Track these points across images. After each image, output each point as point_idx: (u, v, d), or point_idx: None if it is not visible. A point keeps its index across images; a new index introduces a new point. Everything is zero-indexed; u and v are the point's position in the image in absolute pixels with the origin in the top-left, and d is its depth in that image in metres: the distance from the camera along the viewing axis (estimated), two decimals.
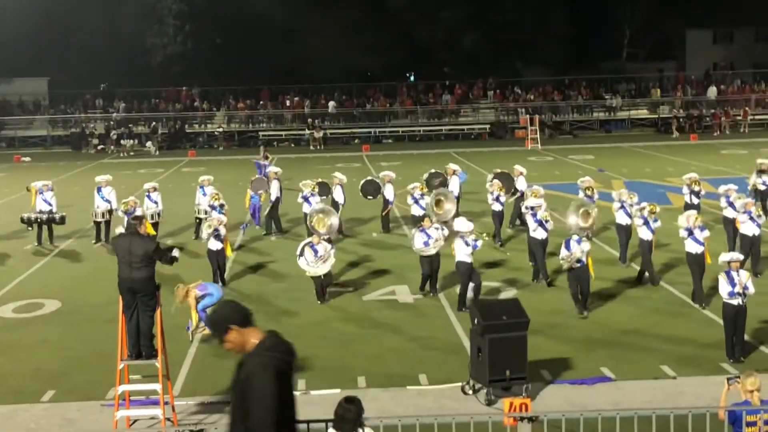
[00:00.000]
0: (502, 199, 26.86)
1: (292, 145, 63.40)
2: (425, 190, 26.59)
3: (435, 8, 71.63)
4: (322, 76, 70.88)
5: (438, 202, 25.90)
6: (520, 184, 28.83)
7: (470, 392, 14.80)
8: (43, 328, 19.41)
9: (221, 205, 25.35)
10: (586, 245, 19.45)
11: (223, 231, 22.07)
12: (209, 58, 71.85)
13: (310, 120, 65.04)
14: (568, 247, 19.19)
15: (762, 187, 28.37)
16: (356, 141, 63.89)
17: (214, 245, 21.76)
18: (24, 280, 24.04)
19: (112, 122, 65.39)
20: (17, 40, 65.60)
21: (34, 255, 27.06)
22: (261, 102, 68.60)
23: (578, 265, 19.05)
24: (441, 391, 15.08)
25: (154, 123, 63.93)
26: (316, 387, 15.31)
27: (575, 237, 19.50)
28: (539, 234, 21.97)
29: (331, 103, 67.90)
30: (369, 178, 31.89)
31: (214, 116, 67.79)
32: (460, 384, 15.04)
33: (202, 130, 66.54)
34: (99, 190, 28.36)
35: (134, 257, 13.51)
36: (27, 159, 56.62)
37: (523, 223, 26.51)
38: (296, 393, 14.86)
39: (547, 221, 22.01)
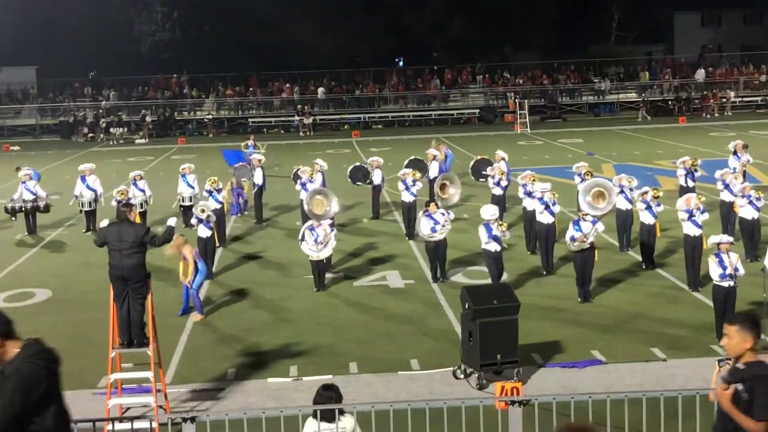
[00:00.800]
0: (503, 183, 26.84)
1: (282, 131, 63.32)
2: (417, 176, 26.52)
3: None
4: (311, 63, 70.77)
5: (443, 187, 25.71)
6: (503, 167, 28.83)
7: (462, 377, 14.84)
8: (35, 317, 19.37)
9: (218, 190, 25.25)
10: (600, 226, 19.41)
11: (213, 218, 22.03)
12: (198, 45, 71.64)
13: (299, 106, 64.96)
14: (577, 228, 19.09)
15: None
16: (346, 127, 63.87)
17: (204, 232, 21.68)
18: (15, 270, 24.00)
19: (101, 110, 65.15)
20: (4, 28, 65.29)
21: (22, 245, 27.01)
22: (250, 89, 68.46)
23: (588, 247, 19.03)
24: (432, 376, 15.12)
25: (142, 112, 63.64)
26: (307, 373, 15.34)
27: (589, 218, 19.42)
28: (545, 218, 21.73)
29: (321, 89, 67.78)
30: (357, 164, 31.87)
31: (203, 103, 67.63)
32: (451, 369, 15.08)
33: (191, 118, 66.40)
34: (83, 178, 28.30)
35: (124, 244, 13.49)
36: (16, 148, 56.43)
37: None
38: (287, 380, 14.95)
39: (554, 203, 21.79)
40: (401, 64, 77.38)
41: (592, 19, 77.69)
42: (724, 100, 64.81)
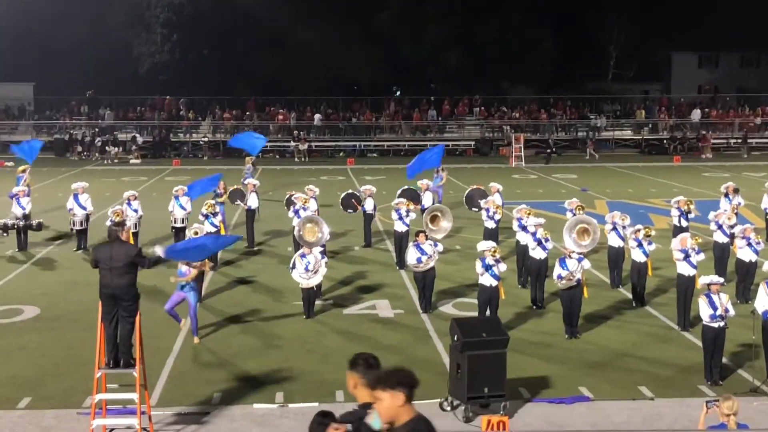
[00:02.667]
0: (497, 216, 26.81)
1: (277, 156, 63.36)
2: (411, 206, 26.49)
3: (421, 25, 71.82)
4: (308, 89, 70.95)
5: (434, 218, 25.68)
6: (497, 199, 28.88)
7: (448, 409, 14.78)
8: (22, 335, 19.30)
9: (214, 214, 25.17)
10: (586, 263, 19.40)
11: None
12: (196, 68, 71.77)
13: (295, 132, 65.06)
14: (563, 266, 19.11)
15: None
16: (341, 154, 63.97)
17: None
18: (3, 286, 23.91)
19: (97, 129, 65.18)
20: (2, 44, 65.40)
21: (13, 261, 26.93)
22: (247, 113, 68.56)
23: (575, 284, 19.02)
24: (419, 407, 15.01)
25: (134, 135, 63.65)
26: (294, 400, 15.28)
27: (575, 255, 19.41)
28: (538, 254, 21.73)
29: (317, 116, 67.91)
30: (349, 191, 31.86)
31: (199, 126, 67.68)
32: (438, 400, 15.02)
33: (187, 139, 66.45)
34: (76, 196, 28.23)
35: (116, 263, 13.46)
36: (10, 164, 56.32)
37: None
38: (273, 406, 14.85)
39: (546, 240, 21.75)
40: (398, 93, 77.62)
41: (589, 55, 78.02)
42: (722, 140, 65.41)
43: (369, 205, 29.25)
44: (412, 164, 32.12)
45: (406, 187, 31.18)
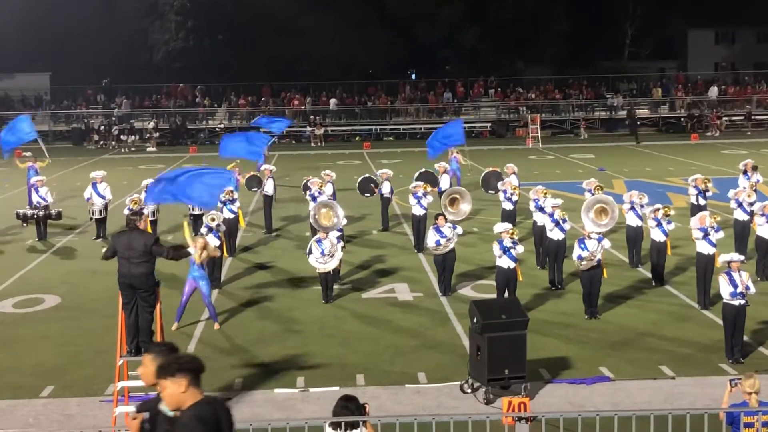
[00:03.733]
0: (515, 198, 26.75)
1: (293, 142, 63.39)
2: (428, 189, 26.45)
3: (435, 5, 71.63)
4: (323, 74, 70.91)
5: (453, 201, 25.63)
6: (513, 181, 28.82)
7: (469, 391, 14.80)
8: (43, 324, 19.41)
9: (232, 201, 25.17)
10: (607, 243, 19.33)
11: (223, 228, 22.01)
12: (211, 55, 71.87)
13: (311, 117, 65.07)
14: (583, 247, 19.03)
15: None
16: (357, 138, 63.95)
17: (212, 241, 21.63)
18: (24, 275, 24.03)
19: (113, 118, 65.37)
20: (19, 35, 65.65)
21: (33, 250, 27.07)
22: (262, 98, 68.61)
23: (595, 264, 18.98)
24: (439, 390, 15.08)
25: (152, 122, 63.85)
26: (314, 385, 15.32)
27: (594, 235, 19.37)
28: (556, 234, 21.64)
29: (333, 101, 67.91)
30: (366, 175, 31.83)
31: (215, 113, 67.77)
32: (458, 382, 15.04)
33: (203, 127, 66.57)
34: (94, 185, 28.32)
35: (133, 252, 13.52)
36: (28, 154, 56.48)
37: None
38: (294, 390, 14.93)
39: (564, 221, 21.65)
40: (414, 76, 77.49)
41: (605, 34, 77.65)
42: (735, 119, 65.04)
43: (386, 188, 29.23)
44: (431, 141, 32.00)
45: (423, 170, 31.11)
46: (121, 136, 61.60)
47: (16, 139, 33.49)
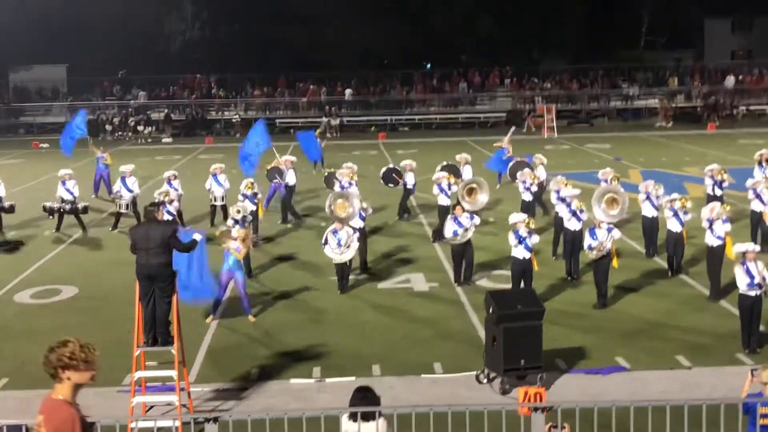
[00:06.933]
0: (534, 188, 26.69)
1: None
2: (452, 179, 26.41)
3: None
4: (338, 64, 70.87)
5: (470, 191, 25.56)
6: (540, 173, 28.76)
7: (485, 381, 14.82)
8: (61, 315, 19.52)
9: (254, 194, 25.22)
10: (617, 233, 19.32)
11: (249, 219, 22.14)
12: (227, 45, 71.94)
13: (326, 107, 65.08)
14: (593, 236, 19.02)
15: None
16: (373, 129, 63.90)
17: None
18: (42, 266, 24.17)
19: (130, 109, 65.54)
20: (36, 27, 65.78)
21: (52, 241, 27.19)
22: (278, 89, 68.64)
23: (605, 254, 18.95)
24: (456, 380, 15.10)
25: (166, 111, 64.05)
26: (330, 375, 15.37)
27: (604, 225, 19.33)
28: (573, 225, 21.59)
29: (348, 91, 67.90)
30: (390, 166, 31.73)
31: (231, 104, 67.82)
32: (474, 373, 15.06)
33: (219, 117, 66.68)
34: (123, 179, 28.33)
35: (152, 243, 13.57)
36: (45, 145, 56.76)
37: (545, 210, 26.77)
38: (310, 381, 14.97)
39: (581, 211, 21.60)
40: (429, 66, 77.42)
41: (621, 23, 77.35)
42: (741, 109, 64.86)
43: (410, 179, 29.25)
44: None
45: (445, 163, 30.94)
46: (138, 127, 61.77)
47: (69, 137, 34.94)
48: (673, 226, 21.34)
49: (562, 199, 22.82)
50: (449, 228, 20.79)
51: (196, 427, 10.43)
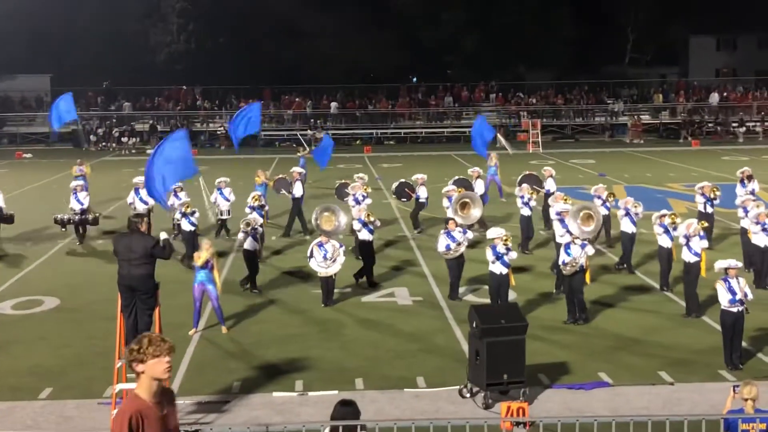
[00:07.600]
0: (532, 203, 26.65)
1: (294, 145, 63.32)
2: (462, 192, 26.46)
3: (437, 10, 71.72)
4: (324, 77, 70.93)
5: (464, 206, 25.52)
6: (549, 185, 28.81)
7: (468, 395, 14.80)
8: (42, 326, 19.41)
9: (261, 206, 25.16)
10: (590, 249, 19.37)
11: (260, 231, 22.14)
12: (212, 57, 71.92)
13: (311, 120, 65.07)
14: (568, 252, 19.11)
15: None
16: (358, 142, 63.95)
17: (252, 245, 21.69)
18: (23, 277, 24.04)
19: (114, 120, 65.39)
20: (19, 36, 65.68)
21: (34, 252, 27.05)
22: (263, 102, 68.58)
23: (579, 270, 19.00)
24: (438, 394, 15.08)
25: (151, 122, 63.94)
26: (313, 388, 15.32)
27: (578, 241, 19.37)
28: (567, 239, 21.65)
29: (333, 104, 67.93)
30: (402, 180, 31.48)
31: (215, 116, 67.74)
32: (457, 387, 15.04)
33: (203, 129, 66.54)
34: (137, 191, 27.91)
35: (134, 254, 13.55)
36: (28, 156, 56.65)
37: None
38: (292, 394, 14.92)
39: None
40: (415, 80, 77.59)
41: (606, 39, 77.73)
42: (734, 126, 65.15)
43: (423, 193, 29.24)
44: (475, 143, 32.49)
45: (458, 177, 30.87)
46: (122, 138, 61.67)
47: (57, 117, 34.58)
48: (664, 242, 21.35)
49: (562, 220, 22.83)
50: (442, 242, 20.77)
51: None
